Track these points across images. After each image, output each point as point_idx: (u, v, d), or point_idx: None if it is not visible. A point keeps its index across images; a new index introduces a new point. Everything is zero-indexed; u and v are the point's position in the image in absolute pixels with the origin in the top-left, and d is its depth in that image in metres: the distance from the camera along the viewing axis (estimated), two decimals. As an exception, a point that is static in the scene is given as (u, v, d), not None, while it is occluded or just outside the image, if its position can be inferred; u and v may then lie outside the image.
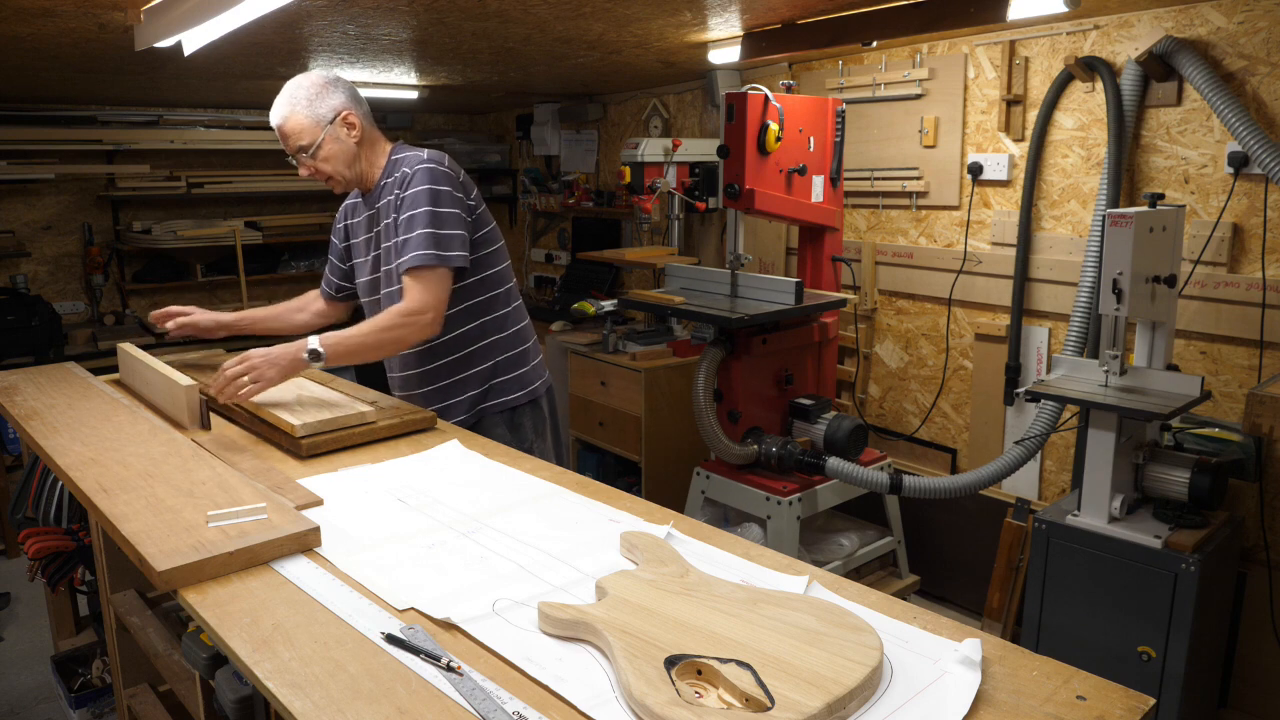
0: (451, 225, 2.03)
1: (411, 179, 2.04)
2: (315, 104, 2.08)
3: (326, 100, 2.08)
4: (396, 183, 2.08)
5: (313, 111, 2.07)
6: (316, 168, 2.11)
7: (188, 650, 1.45)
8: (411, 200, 2.02)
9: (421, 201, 2.00)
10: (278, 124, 2.10)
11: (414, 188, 2.02)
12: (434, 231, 2.00)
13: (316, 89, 2.09)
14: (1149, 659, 2.21)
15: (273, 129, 2.16)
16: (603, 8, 2.53)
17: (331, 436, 1.87)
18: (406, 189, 2.04)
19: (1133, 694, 1.02)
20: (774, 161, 2.87)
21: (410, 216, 2.01)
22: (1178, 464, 2.25)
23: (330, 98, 2.08)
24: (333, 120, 2.08)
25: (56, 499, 2.06)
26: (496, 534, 1.47)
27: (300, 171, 2.15)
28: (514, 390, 2.26)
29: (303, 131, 2.08)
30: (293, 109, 2.07)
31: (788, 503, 2.78)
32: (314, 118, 2.08)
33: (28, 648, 3.20)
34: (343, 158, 2.11)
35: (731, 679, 1.02)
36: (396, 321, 1.98)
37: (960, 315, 3.37)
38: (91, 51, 3.01)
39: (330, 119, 2.08)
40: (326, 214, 5.59)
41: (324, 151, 2.09)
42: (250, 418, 1.99)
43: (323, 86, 2.09)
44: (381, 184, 2.16)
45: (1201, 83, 2.53)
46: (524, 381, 2.28)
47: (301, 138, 2.08)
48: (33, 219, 4.74)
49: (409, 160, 2.09)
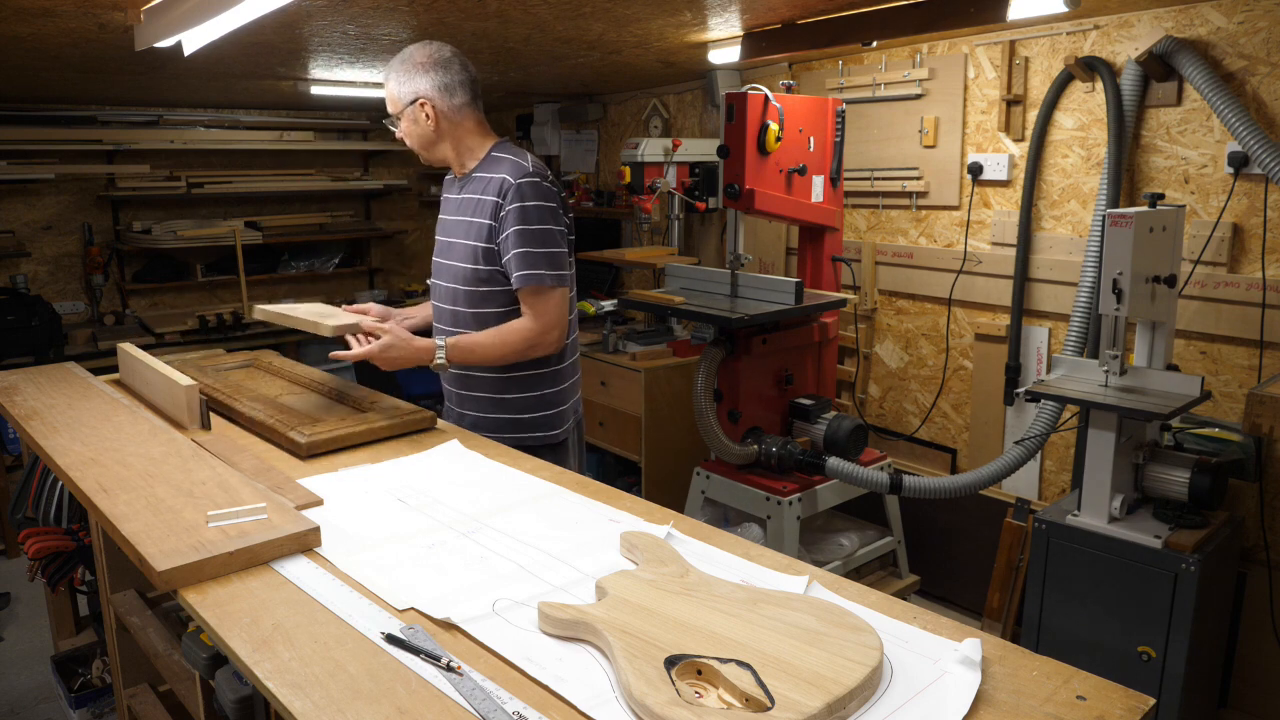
0: (561, 244, 2.10)
1: (523, 192, 2.04)
2: (403, 82, 2.12)
3: (413, 82, 2.11)
4: (497, 186, 2.08)
5: (399, 87, 2.13)
6: (401, 136, 2.19)
7: (188, 650, 1.45)
8: (526, 215, 2.04)
9: (537, 219, 2.04)
10: (385, 81, 2.17)
11: (529, 201, 2.04)
12: (552, 251, 2.06)
13: (411, 67, 2.12)
14: (1149, 659, 2.21)
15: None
16: (603, 8, 2.53)
17: (331, 437, 1.87)
18: (519, 201, 2.04)
19: (1133, 694, 1.02)
20: (774, 161, 2.87)
21: (526, 231, 2.04)
22: (1178, 464, 2.25)
23: (418, 80, 2.11)
24: (411, 102, 2.12)
25: (56, 499, 2.06)
26: (496, 534, 1.47)
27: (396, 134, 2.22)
28: (553, 426, 2.23)
29: (391, 100, 2.15)
30: (388, 77, 2.15)
31: (788, 503, 2.78)
32: (398, 92, 2.14)
33: (28, 648, 3.20)
34: (419, 139, 2.17)
35: (731, 679, 1.02)
36: (525, 340, 2.07)
37: (960, 315, 3.37)
38: (91, 51, 3.01)
39: (410, 100, 2.12)
40: (326, 214, 5.59)
41: (404, 127, 2.16)
42: (249, 419, 2.00)
43: (417, 66, 2.11)
44: (473, 175, 2.17)
45: (1201, 83, 2.53)
46: (563, 419, 2.26)
47: (391, 105, 2.16)
48: (33, 219, 4.74)
49: (513, 169, 2.08)
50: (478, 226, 2.11)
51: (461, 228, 2.16)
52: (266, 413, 1.98)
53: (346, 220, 5.70)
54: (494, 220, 2.07)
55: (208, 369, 2.42)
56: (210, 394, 2.14)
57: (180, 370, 2.16)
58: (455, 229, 2.19)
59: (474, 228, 2.12)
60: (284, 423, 1.90)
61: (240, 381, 2.33)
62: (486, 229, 2.09)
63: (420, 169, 5.93)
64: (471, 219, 2.13)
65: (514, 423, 2.20)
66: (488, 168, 2.14)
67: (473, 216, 2.13)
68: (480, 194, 2.12)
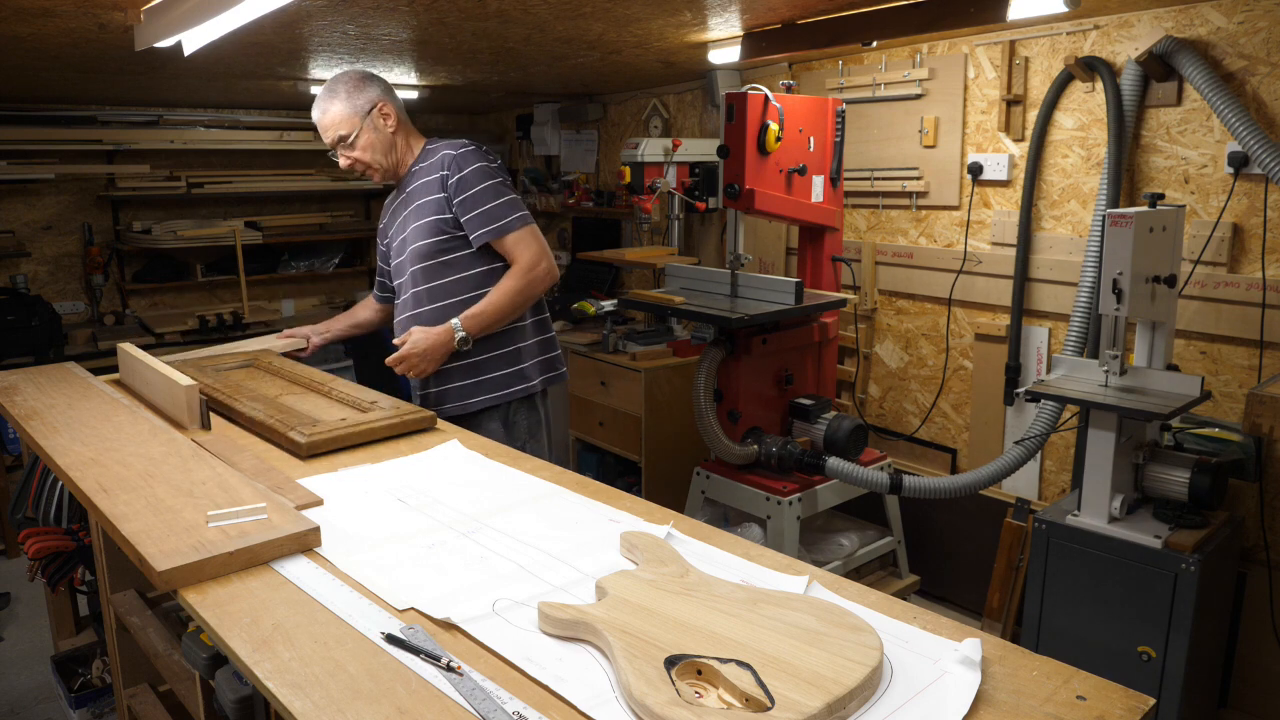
0: (511, 191, 2.28)
1: (463, 159, 2.22)
2: (354, 96, 2.26)
3: (364, 93, 2.26)
4: (438, 165, 2.25)
5: (352, 103, 2.25)
6: (355, 158, 2.29)
7: (188, 650, 1.45)
8: (477, 175, 2.22)
9: (489, 175, 2.23)
10: (318, 117, 2.27)
11: (473, 164, 2.22)
12: (508, 198, 2.24)
13: (354, 83, 2.27)
14: (1149, 659, 2.21)
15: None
16: (603, 8, 2.53)
17: (331, 436, 1.87)
18: (463, 169, 2.22)
19: (1133, 694, 1.02)
20: (774, 161, 2.87)
21: (482, 189, 2.22)
22: (1178, 464, 2.25)
23: (367, 90, 2.27)
24: (369, 111, 2.26)
25: (56, 499, 2.06)
26: (496, 534, 1.47)
27: (340, 162, 2.31)
28: (538, 375, 2.40)
29: (342, 122, 2.25)
30: (331, 101, 2.25)
31: (788, 503, 2.78)
32: (353, 109, 2.26)
33: (28, 648, 3.20)
34: (380, 146, 2.29)
35: (731, 679, 1.02)
36: (524, 280, 2.22)
37: (960, 315, 3.37)
38: (91, 51, 3.01)
39: (368, 110, 2.26)
40: (326, 214, 5.59)
41: (362, 141, 2.27)
42: (249, 419, 2.00)
43: (359, 81, 2.28)
44: (414, 169, 2.34)
45: (1201, 83, 2.53)
46: (552, 365, 2.44)
47: (341, 128, 2.25)
48: (33, 219, 4.74)
49: (449, 145, 2.28)
50: (429, 204, 2.26)
51: (413, 216, 2.30)
52: (266, 412, 1.98)
53: (346, 220, 5.70)
54: (444, 191, 2.24)
55: (207, 368, 2.41)
56: (210, 394, 2.13)
57: (180, 370, 2.15)
58: (405, 223, 2.33)
59: (426, 206, 2.27)
60: (283, 422, 1.90)
61: (240, 381, 2.32)
62: (438, 202, 2.25)
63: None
64: (422, 201, 2.28)
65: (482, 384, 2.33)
66: (423, 159, 2.33)
67: (422, 199, 2.28)
68: (425, 179, 2.29)
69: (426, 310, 2.31)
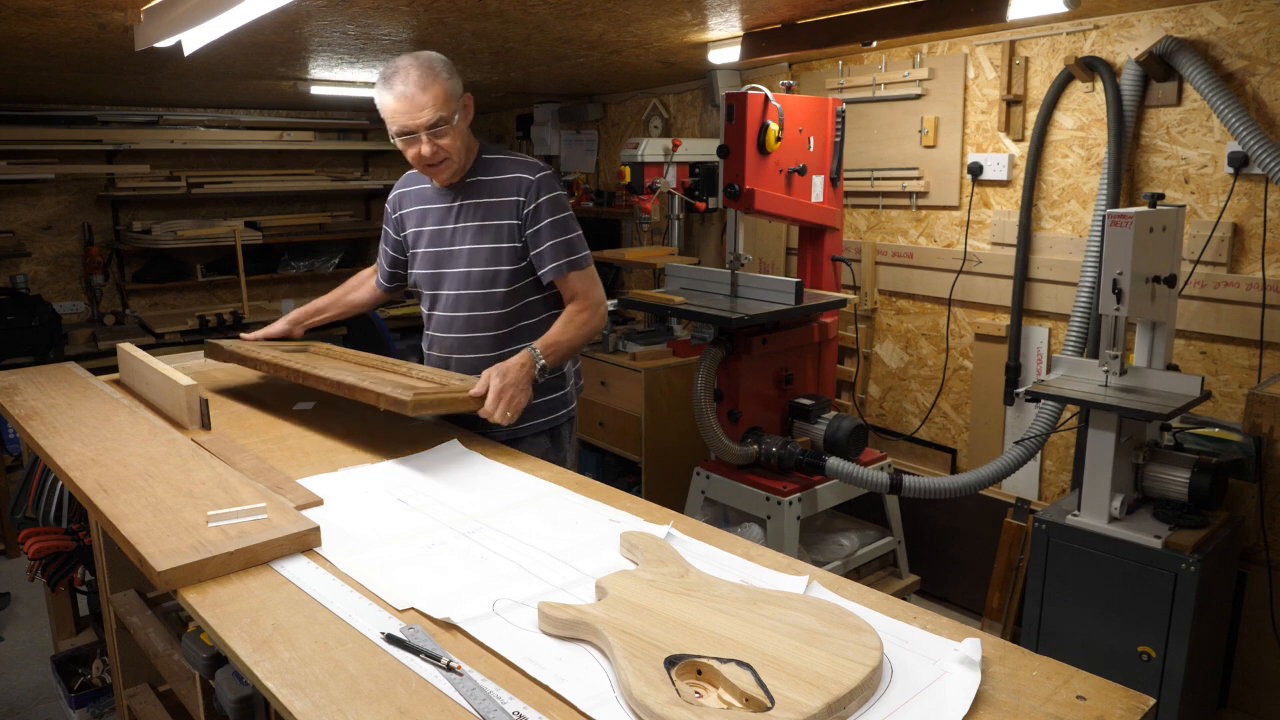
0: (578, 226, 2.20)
1: (541, 186, 2.10)
2: (455, 78, 2.03)
3: (458, 77, 2.06)
4: (513, 186, 2.10)
5: (454, 85, 2.03)
6: (443, 146, 2.04)
7: (188, 650, 1.45)
8: (552, 205, 2.11)
9: (563, 207, 2.13)
10: (414, 93, 1.97)
11: (550, 193, 2.11)
12: (580, 232, 2.16)
13: (449, 64, 2.04)
14: (1149, 659, 2.21)
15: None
16: (603, 8, 2.53)
17: (437, 399, 1.81)
18: (540, 197, 2.09)
19: (1133, 694, 1.02)
20: (774, 161, 2.87)
21: (556, 221, 2.11)
22: (1178, 464, 2.25)
23: (458, 77, 2.06)
24: (461, 97, 2.07)
25: (56, 499, 2.06)
26: (496, 534, 1.47)
27: (422, 149, 2.04)
28: (568, 404, 2.33)
29: (445, 102, 2.00)
30: (434, 78, 1.99)
31: (788, 503, 2.78)
32: (455, 89, 2.03)
33: (28, 648, 3.20)
34: (464, 139, 2.10)
35: (731, 679, 1.02)
36: (596, 315, 2.14)
37: (960, 315, 3.37)
38: (91, 51, 3.01)
39: (461, 95, 2.06)
40: (326, 214, 5.59)
41: (456, 129, 2.04)
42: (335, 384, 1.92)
43: (450, 63, 2.05)
44: (473, 178, 2.15)
45: (1201, 83, 2.53)
46: (578, 378, 2.41)
47: (443, 108, 2.00)
48: (33, 219, 4.73)
49: (526, 167, 2.12)
50: (498, 228, 2.11)
51: (472, 233, 2.14)
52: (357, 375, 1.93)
53: (346, 220, 5.70)
54: (516, 219, 2.10)
55: (267, 347, 2.35)
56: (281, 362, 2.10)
57: (236, 351, 2.19)
58: (461, 236, 2.16)
59: (493, 230, 2.12)
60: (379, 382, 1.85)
61: (304, 361, 2.22)
62: (510, 229, 2.10)
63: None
64: (488, 222, 2.12)
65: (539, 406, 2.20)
66: (485, 170, 2.15)
67: (489, 219, 2.12)
68: (490, 197, 2.12)
69: (483, 337, 2.18)
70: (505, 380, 1.86)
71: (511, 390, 1.87)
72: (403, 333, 5.40)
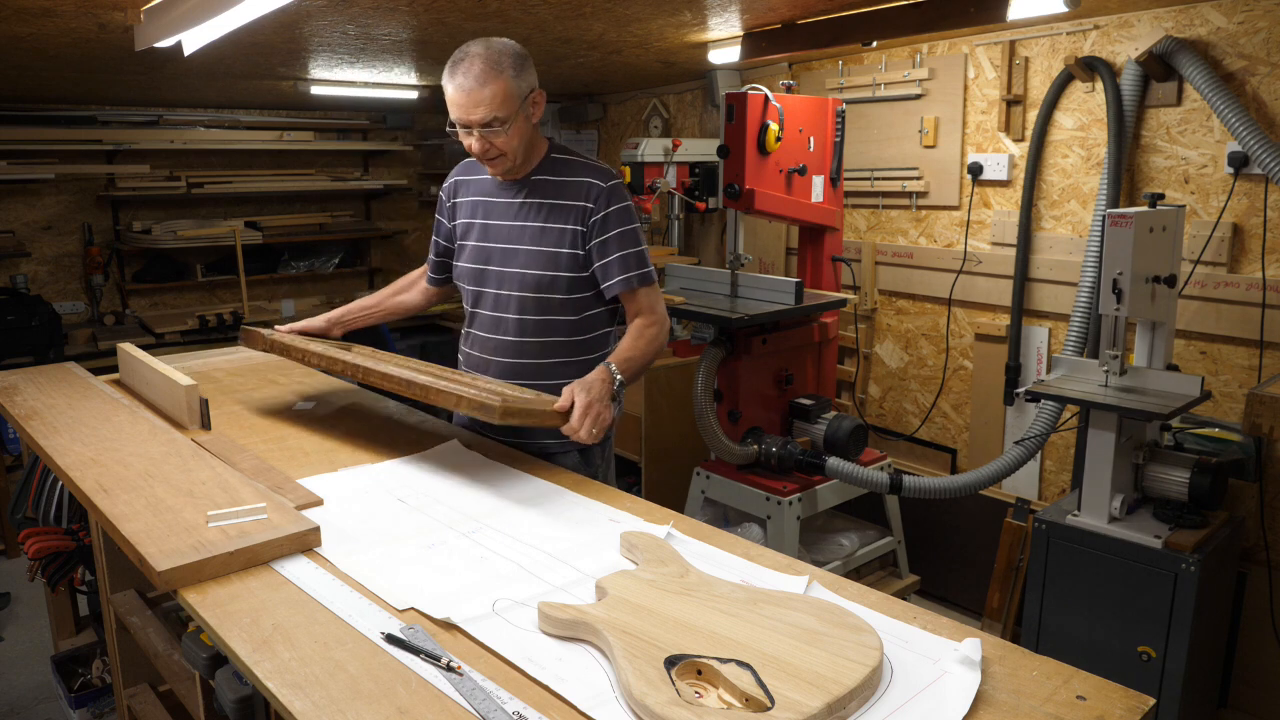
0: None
1: (611, 194, 1.99)
2: (521, 75, 1.88)
3: (527, 74, 1.90)
4: (581, 191, 1.98)
5: (519, 83, 1.88)
6: (498, 145, 1.91)
7: (188, 650, 1.45)
8: (620, 216, 2.00)
9: (631, 218, 2.02)
10: (472, 87, 1.84)
11: (620, 203, 2.00)
12: (645, 246, 2.04)
13: (520, 57, 1.89)
14: (1149, 659, 2.21)
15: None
16: (603, 8, 2.53)
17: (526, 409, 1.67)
18: (609, 206, 1.98)
19: (1133, 694, 1.02)
20: (774, 161, 2.87)
21: (623, 233, 2.00)
22: (1178, 464, 2.25)
23: (529, 72, 1.91)
24: (528, 96, 1.91)
25: (56, 499, 2.06)
26: (496, 534, 1.47)
27: (471, 145, 1.92)
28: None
29: (504, 101, 1.86)
30: (497, 75, 1.84)
31: (788, 503, 2.78)
32: (518, 89, 1.88)
33: (28, 648, 3.20)
34: (524, 138, 1.95)
35: (731, 679, 1.02)
36: (658, 331, 2.01)
37: (960, 315, 3.37)
38: (91, 51, 3.01)
39: (527, 93, 1.91)
40: (326, 214, 5.59)
41: (513, 130, 1.90)
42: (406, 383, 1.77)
43: (523, 58, 1.90)
44: (536, 176, 2.02)
45: (1201, 83, 2.53)
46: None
47: (500, 108, 1.86)
48: (33, 219, 4.73)
49: (597, 172, 2.00)
50: (558, 232, 1.99)
51: (531, 233, 2.01)
52: (432, 375, 1.81)
53: (346, 220, 5.70)
54: (582, 225, 1.98)
55: (311, 340, 2.19)
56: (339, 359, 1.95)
57: (280, 341, 2.08)
58: (519, 235, 2.03)
59: (552, 234, 1.99)
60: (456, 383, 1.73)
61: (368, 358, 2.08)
62: (572, 235, 1.98)
63: (420, 169, 5.93)
64: (547, 225, 1.99)
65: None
66: (553, 170, 2.02)
67: (547, 222, 2.00)
68: (555, 199, 2.00)
69: (531, 342, 2.04)
70: (590, 396, 1.73)
71: (597, 406, 1.73)
72: (403, 332, 5.40)
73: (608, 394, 1.79)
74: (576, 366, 2.02)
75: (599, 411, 1.73)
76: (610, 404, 1.79)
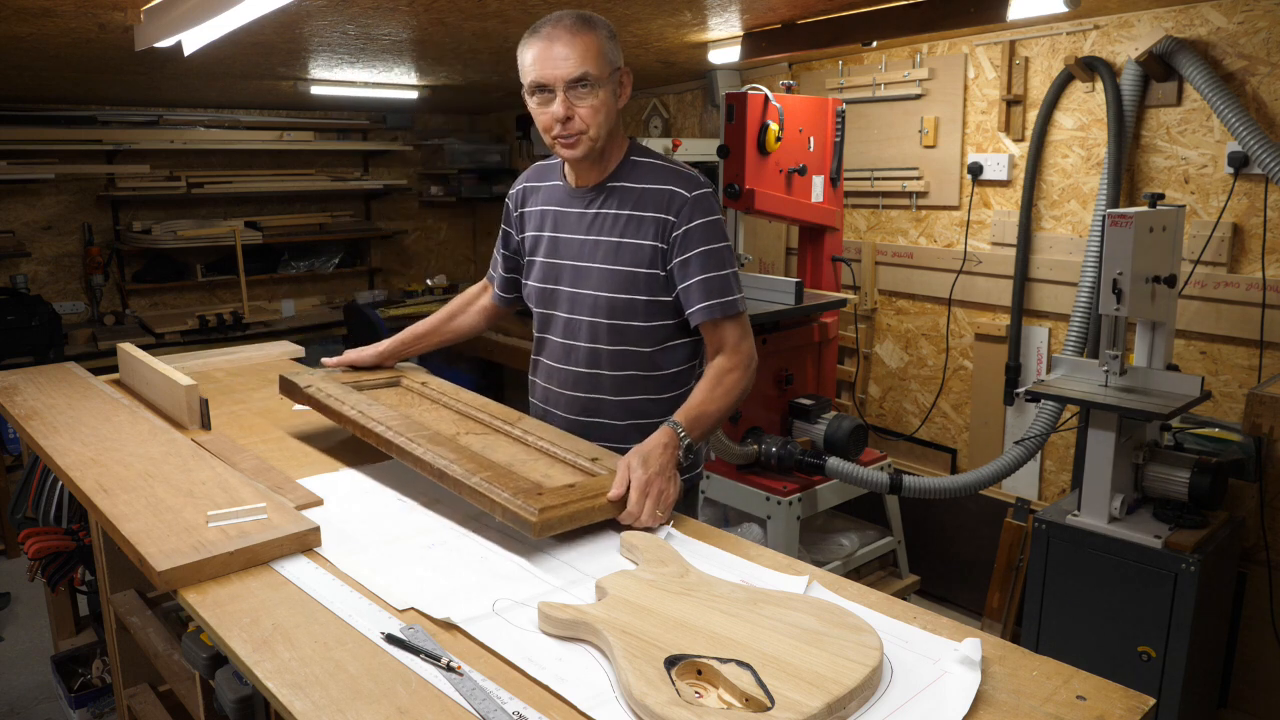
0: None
1: (696, 205, 1.72)
2: (614, 41, 1.70)
3: (618, 47, 1.72)
4: (663, 200, 1.73)
5: (613, 45, 1.69)
6: (583, 111, 1.67)
7: (188, 650, 1.45)
8: (707, 231, 1.73)
9: (719, 235, 1.74)
10: (568, 34, 1.64)
11: (707, 216, 1.73)
12: (735, 269, 1.77)
13: (612, 29, 1.71)
14: (1149, 659, 2.21)
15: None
16: (603, 8, 2.53)
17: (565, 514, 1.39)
18: (694, 219, 1.72)
19: (1133, 694, 1.02)
20: (774, 161, 2.87)
21: (710, 251, 1.72)
22: (1178, 464, 2.25)
23: (619, 48, 1.73)
24: (618, 68, 1.71)
25: (56, 499, 2.07)
26: (497, 534, 1.47)
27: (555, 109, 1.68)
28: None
29: (596, 57, 1.64)
30: (590, 30, 1.66)
31: (788, 503, 2.78)
32: (612, 52, 1.68)
33: (28, 648, 3.20)
34: (610, 116, 1.71)
35: (731, 679, 1.02)
36: (740, 375, 1.74)
37: (960, 315, 3.37)
38: (91, 51, 3.01)
39: (619, 65, 1.71)
40: (326, 214, 5.59)
41: (603, 95, 1.67)
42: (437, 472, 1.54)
43: (614, 31, 1.72)
44: (615, 182, 1.78)
45: (1201, 83, 2.53)
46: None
47: (592, 64, 1.64)
48: (33, 219, 4.73)
49: (683, 180, 1.74)
50: (639, 249, 1.74)
51: (605, 250, 1.77)
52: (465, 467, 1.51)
53: (346, 220, 5.70)
54: (663, 242, 1.72)
55: (349, 386, 1.94)
56: (372, 428, 1.70)
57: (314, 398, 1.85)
58: (592, 251, 1.79)
59: (628, 250, 1.74)
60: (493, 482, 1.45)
61: (396, 406, 1.89)
62: (651, 252, 1.73)
63: (420, 169, 5.93)
64: (623, 239, 1.75)
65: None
66: (632, 175, 1.77)
67: (623, 237, 1.75)
68: (633, 209, 1.75)
69: (605, 376, 1.81)
70: (650, 471, 1.47)
71: (659, 483, 1.47)
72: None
73: (671, 463, 1.53)
74: (658, 405, 1.83)
75: (661, 488, 1.47)
76: (675, 474, 1.53)
